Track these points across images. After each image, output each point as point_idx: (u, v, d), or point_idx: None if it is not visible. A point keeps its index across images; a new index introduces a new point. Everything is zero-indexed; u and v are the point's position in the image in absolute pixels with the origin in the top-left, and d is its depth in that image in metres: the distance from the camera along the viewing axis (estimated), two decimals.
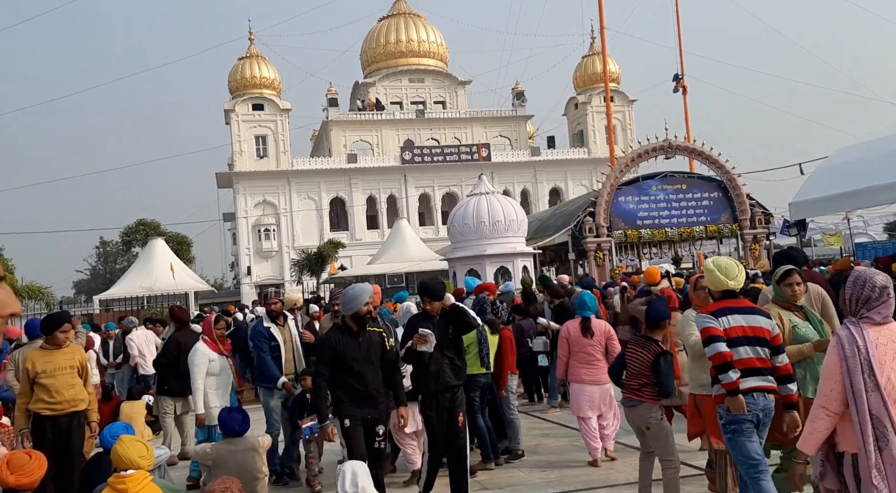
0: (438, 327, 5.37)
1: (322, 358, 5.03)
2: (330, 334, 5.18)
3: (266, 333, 6.84)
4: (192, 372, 6.77)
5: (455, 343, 5.55)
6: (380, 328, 5.24)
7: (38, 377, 5.74)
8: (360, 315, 4.97)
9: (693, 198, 24.45)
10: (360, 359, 4.92)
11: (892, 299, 3.08)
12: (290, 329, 6.99)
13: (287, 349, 6.86)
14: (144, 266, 26.90)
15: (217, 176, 52.81)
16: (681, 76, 35.19)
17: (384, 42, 57.66)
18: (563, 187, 55.23)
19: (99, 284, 61.83)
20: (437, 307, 5.45)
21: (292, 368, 6.86)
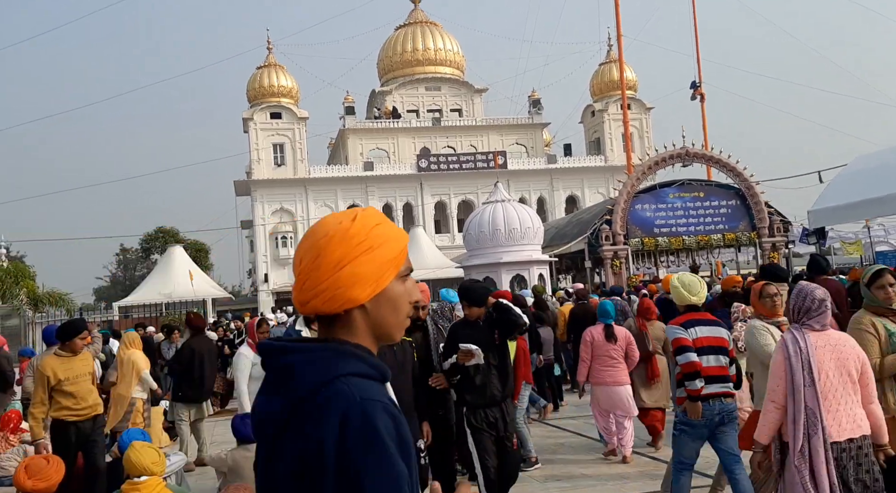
0: (482, 334, 4.96)
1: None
2: None
3: (297, 335, 6.79)
4: (236, 376, 6.75)
5: (501, 350, 5.09)
6: (407, 337, 4.92)
7: (60, 385, 5.73)
8: None
9: (711, 206, 24.27)
10: (396, 369, 4.48)
11: (829, 311, 3.63)
12: None
13: None
14: (163, 273, 27.14)
15: (235, 184, 53.23)
16: (698, 84, 34.95)
17: (401, 51, 57.96)
18: (579, 195, 55.06)
19: (118, 290, 62.43)
20: (480, 313, 5.03)
21: None
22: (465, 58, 60.55)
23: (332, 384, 1.22)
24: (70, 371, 5.78)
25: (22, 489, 3.51)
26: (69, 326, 6.03)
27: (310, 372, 1.25)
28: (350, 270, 1.28)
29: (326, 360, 1.26)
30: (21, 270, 19.12)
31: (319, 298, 1.29)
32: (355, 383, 1.23)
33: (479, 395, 4.94)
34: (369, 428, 1.16)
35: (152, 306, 25.29)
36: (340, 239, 1.29)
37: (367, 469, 1.14)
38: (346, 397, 1.19)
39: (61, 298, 18.73)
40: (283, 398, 1.26)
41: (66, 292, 19.94)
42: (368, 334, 1.33)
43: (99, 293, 73.73)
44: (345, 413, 1.17)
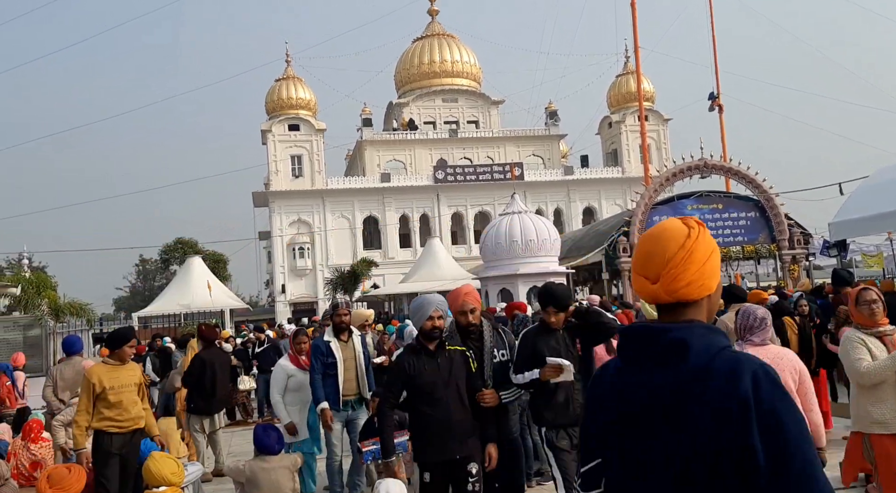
0: (563, 344, 4.42)
1: (390, 382, 4.27)
2: (403, 354, 4.39)
3: (324, 348, 6.27)
4: (272, 387, 6.70)
5: (585, 362, 4.47)
6: (461, 346, 4.38)
7: (105, 394, 5.54)
8: (425, 332, 4.18)
9: (730, 218, 24.06)
10: (440, 384, 4.08)
11: (769, 328, 4.15)
12: (355, 346, 6.38)
13: (348, 368, 6.25)
14: (182, 284, 27.37)
15: (254, 195, 53.66)
16: (716, 95, 34.80)
17: (418, 63, 58.28)
18: (596, 207, 54.87)
19: (138, 301, 63.01)
20: (562, 320, 4.45)
21: (354, 388, 6.29)
22: (481, 70, 60.77)
23: (723, 352, 1.52)
24: (116, 380, 5.60)
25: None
26: (118, 334, 5.85)
27: (702, 345, 1.52)
28: (710, 264, 1.62)
29: (708, 335, 1.55)
30: (43, 280, 19.35)
31: (691, 286, 1.60)
32: (738, 352, 1.55)
33: (562, 413, 4.34)
34: (774, 381, 1.48)
35: (171, 317, 25.51)
36: (702, 240, 1.63)
37: (783, 409, 1.45)
38: (748, 361, 1.50)
39: (82, 308, 18.91)
40: (675, 368, 1.51)
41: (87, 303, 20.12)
42: (707, 316, 1.64)
43: (119, 304, 74.48)
44: (754, 372, 1.47)
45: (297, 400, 6.48)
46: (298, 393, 6.47)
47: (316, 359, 6.23)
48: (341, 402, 6.18)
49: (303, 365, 6.52)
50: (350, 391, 6.22)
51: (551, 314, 4.41)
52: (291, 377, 6.50)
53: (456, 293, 4.63)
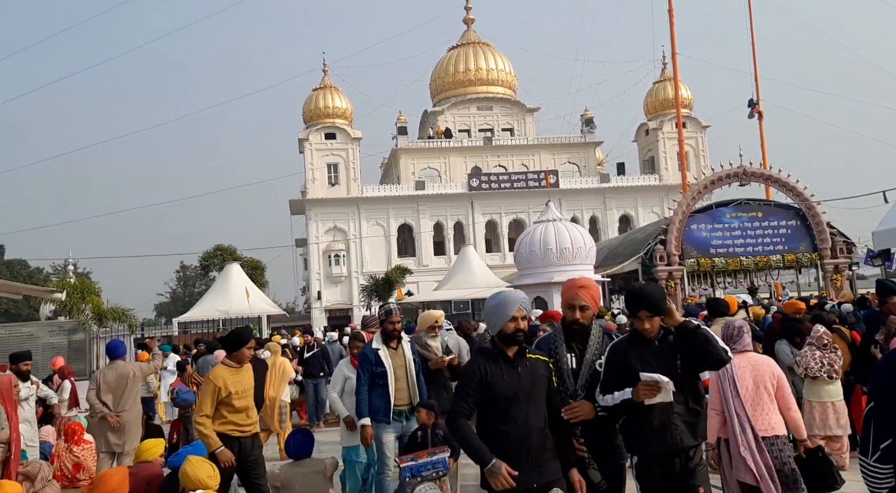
0: (662, 358, 3.66)
1: (463, 391, 3.60)
2: (478, 359, 3.67)
3: (372, 356, 5.90)
4: (330, 384, 6.77)
5: (687, 381, 3.69)
6: (544, 356, 3.73)
7: (229, 398, 5.33)
8: (506, 335, 3.55)
9: (769, 226, 23.61)
10: (520, 397, 3.49)
11: (746, 335, 4.79)
12: (405, 354, 6.05)
13: (399, 377, 5.91)
14: (221, 290, 27.82)
15: (291, 203, 54.37)
16: (756, 101, 34.23)
17: (453, 71, 58.51)
18: (633, 215, 54.33)
19: (178, 307, 64.23)
20: (657, 326, 3.71)
21: (406, 398, 5.96)
22: (516, 77, 60.75)
23: None
24: (239, 384, 5.41)
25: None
26: (236, 335, 5.61)
27: None
28: None
29: None
30: (87, 286, 19.84)
31: None
32: None
33: (658, 440, 3.63)
34: None
35: (210, 322, 25.92)
36: None
37: None
38: None
39: (124, 313, 19.32)
40: None
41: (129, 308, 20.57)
42: None
43: (160, 309, 76.01)
44: None
45: (352, 404, 6.26)
46: (354, 397, 6.26)
47: (363, 370, 5.89)
48: (393, 412, 5.85)
49: None
50: (402, 401, 5.90)
51: (644, 320, 3.67)
52: (348, 380, 6.36)
53: (570, 284, 3.98)
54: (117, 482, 3.76)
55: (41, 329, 13.86)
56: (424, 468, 4.80)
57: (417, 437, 5.46)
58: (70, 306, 17.33)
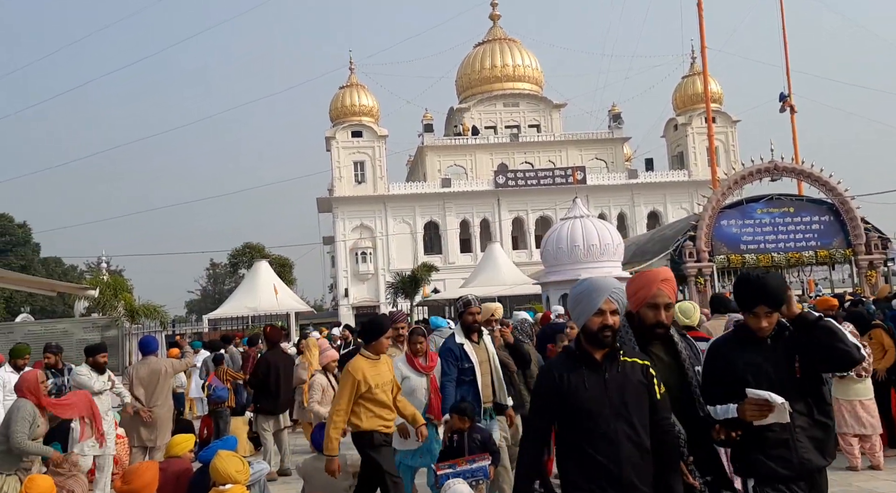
0: (775, 361, 3.02)
1: (539, 405, 2.94)
2: (554, 363, 3.03)
3: (457, 351, 5.53)
4: None
5: (815, 389, 3.06)
6: (642, 358, 2.93)
7: (370, 391, 5.00)
8: (589, 333, 2.87)
9: (802, 221, 23.21)
10: (608, 411, 2.79)
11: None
12: (487, 347, 5.73)
13: (484, 373, 5.55)
14: (250, 287, 28.09)
15: (318, 201, 54.76)
16: (787, 95, 33.61)
17: (479, 68, 58.40)
18: (661, 211, 53.79)
19: (208, 303, 65.08)
20: (773, 323, 3.06)
21: (490, 395, 5.62)
22: (543, 73, 60.43)
23: None
24: (379, 377, 5.07)
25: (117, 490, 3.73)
26: (374, 324, 5.27)
27: None
28: None
29: None
30: (120, 283, 20.21)
31: None
32: None
33: (779, 460, 2.98)
34: None
35: (239, 319, 26.22)
36: None
37: None
38: None
39: (156, 310, 19.65)
40: None
41: (161, 305, 20.94)
42: None
43: (190, 306, 77.08)
44: None
45: (417, 405, 5.89)
46: (412, 397, 5.85)
47: (449, 365, 5.47)
48: (482, 411, 5.44)
49: (419, 367, 5.86)
50: (487, 399, 5.53)
51: (762, 317, 3.01)
52: (406, 379, 5.83)
53: (649, 278, 3.15)
54: (149, 478, 3.83)
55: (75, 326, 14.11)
56: (463, 477, 4.56)
57: (453, 442, 5.10)
58: (103, 302, 17.65)
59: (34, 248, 61.23)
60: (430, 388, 5.69)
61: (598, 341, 2.85)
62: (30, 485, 3.73)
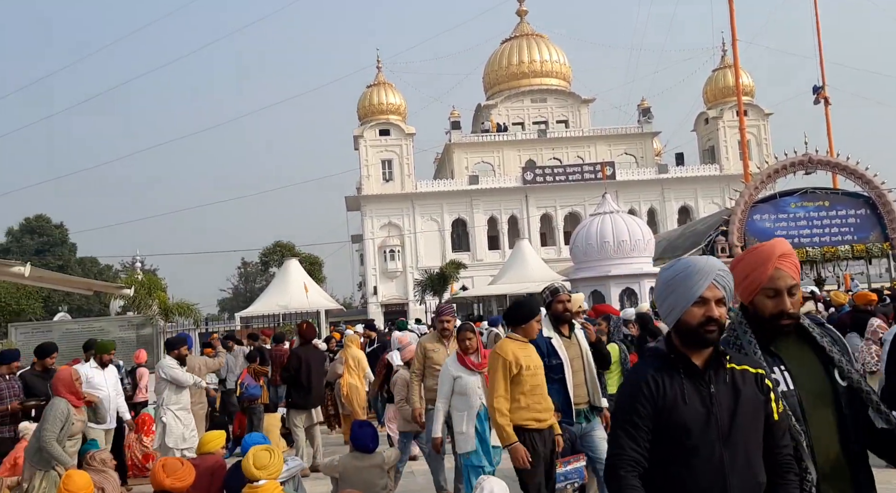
0: None
1: (624, 421, 2.20)
2: (643, 369, 2.27)
3: (544, 346, 4.91)
4: (438, 390, 5.68)
5: None
6: (754, 366, 2.21)
7: (520, 377, 4.48)
8: (688, 329, 2.19)
9: (837, 215, 22.76)
10: (713, 431, 2.13)
11: None
12: (580, 342, 5.15)
13: (576, 370, 4.98)
14: (280, 285, 28.32)
15: (346, 199, 55.09)
16: (821, 87, 32.96)
17: (506, 64, 58.21)
18: (692, 206, 53.13)
19: (240, 302, 65.86)
20: None
21: (585, 395, 5.03)
22: (571, 68, 60.02)
23: None
24: (529, 359, 4.58)
25: (159, 485, 3.80)
26: (524, 306, 4.76)
27: None
28: None
29: None
30: (154, 282, 20.53)
31: None
32: None
33: None
34: None
35: (270, 317, 26.48)
36: None
37: None
38: None
39: (189, 308, 19.93)
40: None
41: (194, 303, 21.21)
42: None
43: (222, 304, 78.10)
44: None
45: (464, 405, 5.54)
46: (465, 397, 5.51)
47: None
48: (574, 413, 4.91)
49: (470, 365, 5.54)
50: (581, 399, 4.97)
51: None
52: (458, 379, 5.50)
53: (762, 255, 2.35)
54: (184, 473, 3.89)
55: (111, 324, 14.43)
56: (559, 478, 4.27)
57: (572, 438, 4.74)
58: (138, 301, 17.95)
59: (71, 248, 62.58)
60: (484, 386, 5.35)
61: (699, 339, 2.17)
62: (67, 481, 3.81)
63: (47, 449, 5.51)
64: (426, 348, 6.23)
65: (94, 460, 5.67)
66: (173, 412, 7.82)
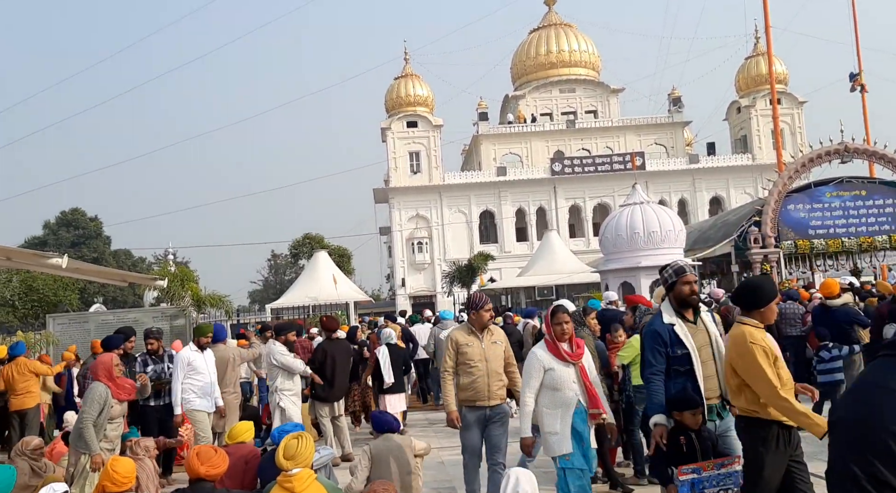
0: None
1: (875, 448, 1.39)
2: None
3: (666, 334, 4.40)
4: (523, 383, 5.12)
5: None
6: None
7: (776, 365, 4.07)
8: None
9: (874, 205, 22.24)
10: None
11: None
12: (707, 327, 4.51)
13: (705, 360, 4.38)
14: (310, 277, 28.61)
15: (374, 192, 55.30)
16: (858, 74, 32.16)
17: (534, 54, 57.80)
18: (724, 196, 52.37)
19: (270, 294, 66.62)
20: None
21: (716, 387, 4.39)
22: (600, 58, 59.40)
23: None
24: (776, 348, 4.17)
25: (195, 473, 3.87)
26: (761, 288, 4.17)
27: None
28: None
29: None
30: (186, 274, 20.88)
31: None
32: None
33: None
34: None
35: (300, 308, 26.74)
36: None
37: None
38: None
39: (221, 300, 20.26)
40: None
41: (225, 295, 21.56)
42: None
43: (253, 296, 79.07)
44: None
45: (557, 402, 4.89)
46: (558, 392, 4.90)
47: (655, 353, 4.39)
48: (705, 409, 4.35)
49: (565, 356, 4.93)
50: (712, 393, 4.36)
51: None
52: (549, 371, 4.92)
53: None
54: (218, 461, 3.95)
55: (145, 315, 14.67)
56: (710, 483, 3.95)
57: (680, 444, 4.24)
58: (171, 293, 18.27)
59: (105, 240, 63.84)
60: (580, 380, 4.93)
61: None
62: (115, 464, 3.91)
63: (81, 431, 5.65)
64: (459, 341, 5.57)
65: (137, 446, 5.81)
66: (288, 397, 8.03)
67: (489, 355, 5.53)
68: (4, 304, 25.02)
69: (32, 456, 5.88)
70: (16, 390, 9.14)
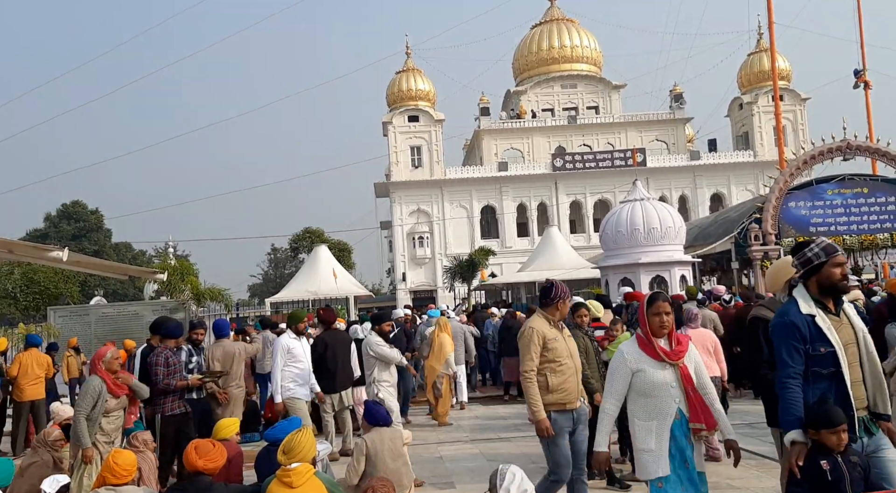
0: None
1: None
2: None
3: (805, 327, 3.51)
4: (605, 387, 4.20)
5: None
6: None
7: None
8: None
9: (876, 203, 22.21)
10: None
11: (698, 319, 8.00)
12: (852, 321, 3.63)
13: (851, 363, 3.52)
14: (310, 272, 28.54)
15: (375, 186, 55.27)
16: (861, 70, 32.11)
17: (536, 49, 57.70)
18: (725, 193, 52.36)
19: (270, 287, 66.65)
20: None
21: (863, 397, 3.53)
22: (602, 54, 59.29)
23: None
24: None
25: (192, 466, 3.88)
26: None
27: None
28: None
29: None
30: (186, 267, 20.86)
31: None
32: None
33: None
34: None
35: (300, 303, 26.72)
36: None
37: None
38: None
39: (220, 293, 20.24)
40: None
41: (225, 288, 21.53)
42: None
43: (253, 290, 79.16)
44: None
45: (651, 411, 3.96)
46: (651, 400, 3.95)
47: (792, 352, 3.49)
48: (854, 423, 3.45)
49: (662, 354, 3.96)
50: (860, 403, 3.51)
51: None
52: (639, 374, 3.98)
53: None
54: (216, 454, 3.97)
55: (145, 308, 14.67)
56: None
57: (824, 470, 3.31)
58: (171, 286, 18.26)
59: (106, 233, 63.83)
60: (682, 385, 3.93)
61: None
62: (117, 456, 3.92)
63: (74, 423, 5.67)
64: (546, 335, 4.76)
65: (136, 439, 5.86)
66: (385, 389, 8.09)
67: (573, 350, 4.97)
68: (6, 296, 25.06)
69: (54, 447, 5.91)
70: (29, 379, 9.46)
